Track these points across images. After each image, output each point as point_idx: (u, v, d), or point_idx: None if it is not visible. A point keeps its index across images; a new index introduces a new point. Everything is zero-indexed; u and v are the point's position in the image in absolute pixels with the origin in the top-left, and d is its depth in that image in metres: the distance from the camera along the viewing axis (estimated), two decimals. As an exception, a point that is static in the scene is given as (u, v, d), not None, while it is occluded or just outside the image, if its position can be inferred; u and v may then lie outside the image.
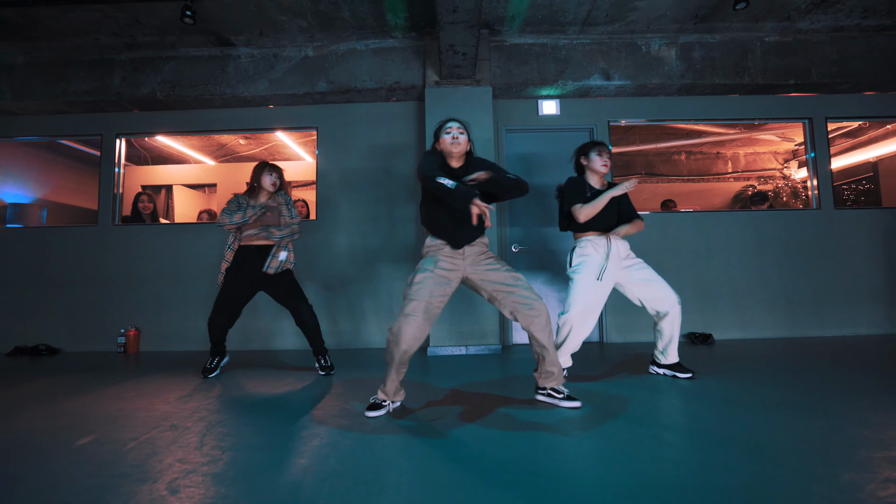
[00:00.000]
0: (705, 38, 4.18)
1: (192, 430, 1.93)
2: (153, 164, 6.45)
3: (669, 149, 7.56)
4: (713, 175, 7.90)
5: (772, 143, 7.30)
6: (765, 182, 7.44)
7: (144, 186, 6.03)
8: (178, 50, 4.19)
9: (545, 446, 1.65)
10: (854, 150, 6.73)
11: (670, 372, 2.76)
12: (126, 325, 4.17)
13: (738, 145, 7.61)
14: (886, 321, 4.20)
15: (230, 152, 6.82)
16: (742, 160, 7.91)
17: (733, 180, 7.76)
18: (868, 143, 6.51)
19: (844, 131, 6.45)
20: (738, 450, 1.57)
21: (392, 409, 2.14)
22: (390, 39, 4.16)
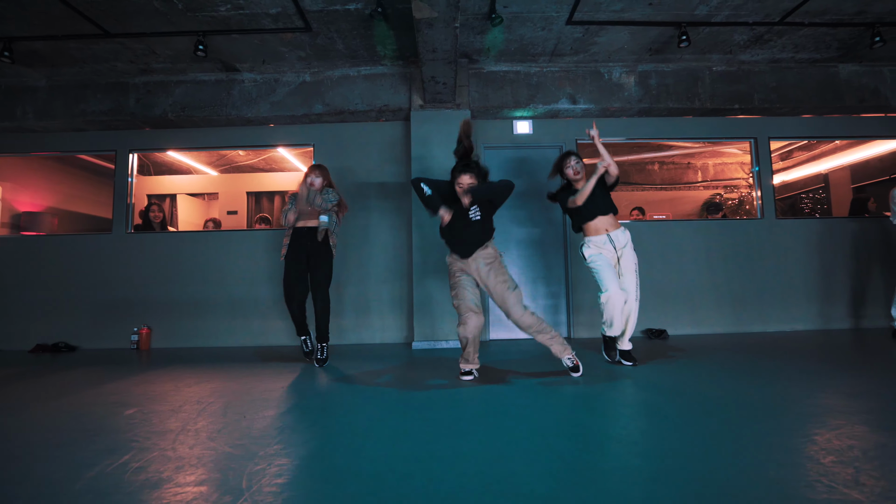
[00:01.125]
0: (660, 67, 4.71)
1: (215, 403, 2.38)
2: (156, 174, 6.87)
3: (643, 160, 8.12)
4: (684, 184, 8.46)
5: (737, 154, 7.88)
6: (731, 191, 8.00)
7: (150, 195, 6.44)
8: (188, 75, 4.64)
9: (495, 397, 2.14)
10: (809, 163, 7.32)
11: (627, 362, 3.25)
12: (139, 324, 4.59)
13: (707, 156, 8.18)
14: (819, 317, 4.74)
15: (230, 162, 7.26)
16: (711, 170, 8.48)
17: (703, 189, 8.32)
18: (821, 157, 7.11)
19: (800, 145, 7.03)
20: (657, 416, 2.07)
21: (476, 373, 2.87)
22: (380, 67, 4.64)
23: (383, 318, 4.68)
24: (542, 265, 4.77)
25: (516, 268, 4.75)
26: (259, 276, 4.68)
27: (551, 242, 4.80)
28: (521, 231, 4.78)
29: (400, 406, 2.28)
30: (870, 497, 1.24)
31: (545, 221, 4.80)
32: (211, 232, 4.98)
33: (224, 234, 4.91)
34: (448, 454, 1.61)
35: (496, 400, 2.35)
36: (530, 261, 4.77)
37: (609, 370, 3.04)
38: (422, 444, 1.72)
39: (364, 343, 4.63)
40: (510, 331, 4.70)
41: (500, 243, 4.77)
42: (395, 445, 1.72)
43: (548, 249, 4.79)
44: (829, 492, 1.28)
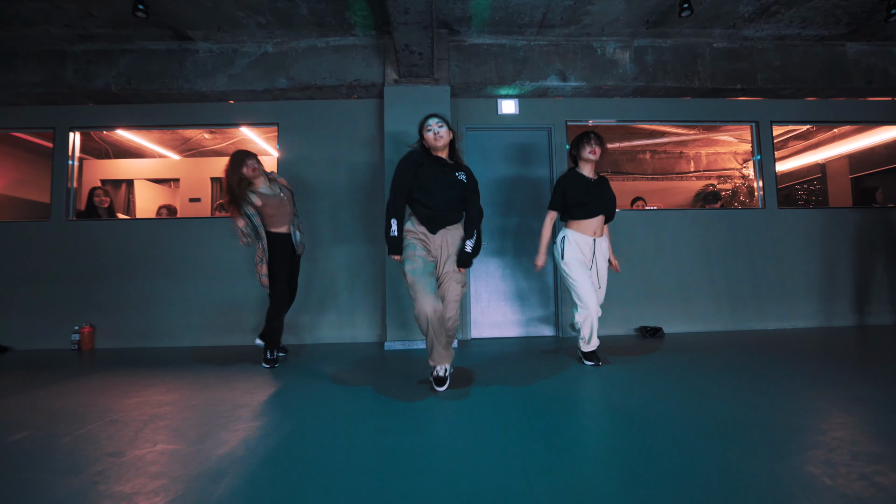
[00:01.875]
0: (658, 43, 4.33)
1: (130, 424, 1.96)
2: (116, 157, 6.32)
3: (634, 147, 7.77)
4: (676, 174, 8.15)
5: (731, 143, 7.58)
6: (725, 181, 7.72)
7: (104, 181, 5.91)
8: (134, 43, 4.13)
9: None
10: (805, 152, 7.05)
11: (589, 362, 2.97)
12: (81, 322, 4.12)
13: (700, 145, 7.87)
14: (821, 314, 4.45)
15: (195, 146, 6.73)
16: (704, 160, 8.19)
17: (695, 179, 8.03)
18: (818, 146, 6.83)
19: (796, 134, 6.74)
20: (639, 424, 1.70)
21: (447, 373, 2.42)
22: (350, 37, 4.18)
23: (353, 315, 4.26)
24: (528, 259, 4.39)
25: (499, 261, 4.37)
26: (219, 269, 4.23)
27: (539, 234, 4.40)
28: (504, 221, 4.39)
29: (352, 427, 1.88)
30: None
31: (531, 211, 4.42)
32: (164, 220, 4.50)
33: (179, 221, 4.44)
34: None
35: (483, 426, 1.96)
36: (515, 254, 4.38)
37: (605, 375, 2.67)
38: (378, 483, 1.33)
39: (333, 343, 4.21)
40: (495, 328, 4.33)
41: (484, 237, 4.39)
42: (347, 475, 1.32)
43: (535, 241, 4.39)
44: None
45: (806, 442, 1.60)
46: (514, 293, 4.36)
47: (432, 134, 2.45)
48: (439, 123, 2.47)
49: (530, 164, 4.47)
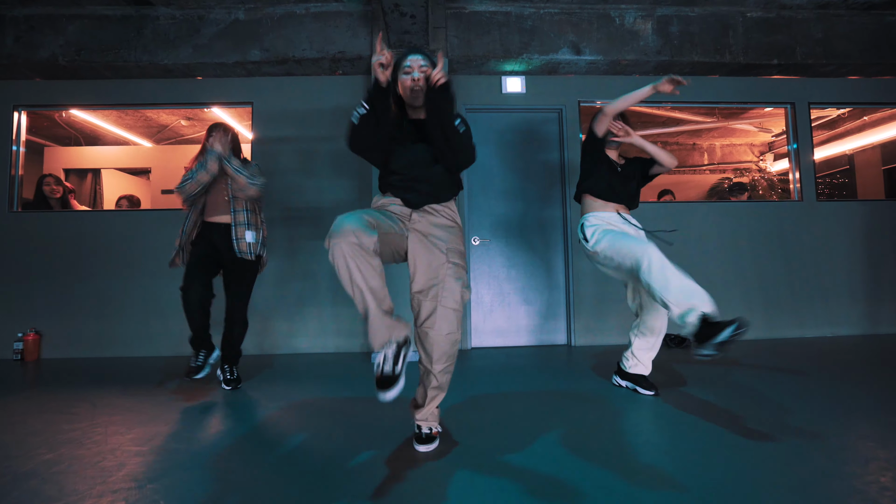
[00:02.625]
0: (684, 11, 3.81)
1: (86, 461, 1.44)
2: (87, 145, 5.78)
3: (645, 138, 7.28)
4: (689, 167, 7.67)
5: (748, 133, 7.07)
6: (741, 175, 7.23)
7: (67, 170, 5.38)
8: (84, 7, 3.59)
9: None
10: (831, 143, 6.54)
11: (632, 385, 2.39)
12: (24, 329, 3.59)
13: (715, 136, 7.37)
14: (865, 320, 3.95)
15: (172, 135, 6.19)
16: (718, 152, 7.69)
17: (709, 172, 7.54)
18: (845, 135, 6.32)
19: (822, 122, 6.24)
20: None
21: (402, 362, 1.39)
22: (334, 3, 3.65)
23: (338, 321, 3.74)
24: (537, 255, 3.88)
25: (503, 258, 3.86)
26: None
27: (549, 227, 3.90)
28: (510, 213, 3.88)
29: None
30: None
31: (541, 202, 3.90)
32: (125, 212, 3.98)
33: (142, 214, 3.92)
34: None
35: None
36: (522, 250, 3.87)
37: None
38: None
39: (313, 352, 3.70)
40: (499, 336, 3.82)
41: (483, 228, 3.88)
42: None
43: (544, 236, 3.89)
44: None
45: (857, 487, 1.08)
46: (521, 295, 3.85)
47: (410, 79, 1.62)
48: (424, 64, 1.62)
49: (538, 151, 3.95)
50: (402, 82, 1.65)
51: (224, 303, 2.60)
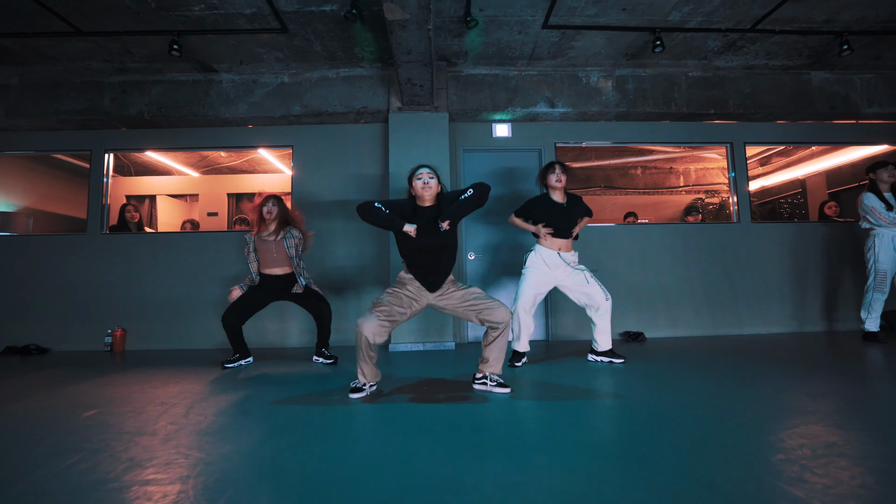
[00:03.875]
0: (637, 72, 4.77)
1: (178, 405, 2.35)
2: (137, 174, 6.79)
3: (626, 164, 8.20)
4: (666, 188, 8.55)
5: (717, 160, 7.99)
6: (713, 195, 8.10)
7: (128, 196, 6.37)
8: (165, 74, 4.60)
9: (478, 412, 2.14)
10: (787, 168, 7.44)
11: (606, 358, 3.30)
12: (113, 326, 4.52)
13: (689, 161, 8.28)
14: (794, 320, 4.81)
15: (212, 164, 7.20)
16: (693, 174, 8.59)
17: (685, 193, 8.42)
18: (798, 163, 7.23)
19: (779, 150, 7.15)
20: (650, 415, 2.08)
21: (370, 392, 2.51)
22: (359, 69, 4.64)
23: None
24: (516, 273, 4.78)
25: (495, 270, 4.76)
26: (235, 277, 4.64)
27: (530, 244, 4.80)
28: (497, 237, 4.80)
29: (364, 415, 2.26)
30: (809, 494, 1.25)
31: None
32: (187, 233, 4.93)
33: (200, 235, 4.87)
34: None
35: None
36: (506, 269, 4.78)
37: (583, 369, 3.05)
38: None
39: (347, 346, 4.61)
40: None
41: (477, 246, 4.79)
42: (349, 448, 1.71)
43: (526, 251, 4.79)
44: (771, 489, 1.29)
45: (773, 429, 1.94)
46: (510, 300, 4.74)
47: (421, 183, 2.53)
48: (430, 174, 2.55)
49: (522, 183, 4.88)
50: (416, 185, 2.57)
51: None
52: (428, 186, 2.54)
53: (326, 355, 3.59)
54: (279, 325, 4.60)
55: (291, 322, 4.62)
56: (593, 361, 3.37)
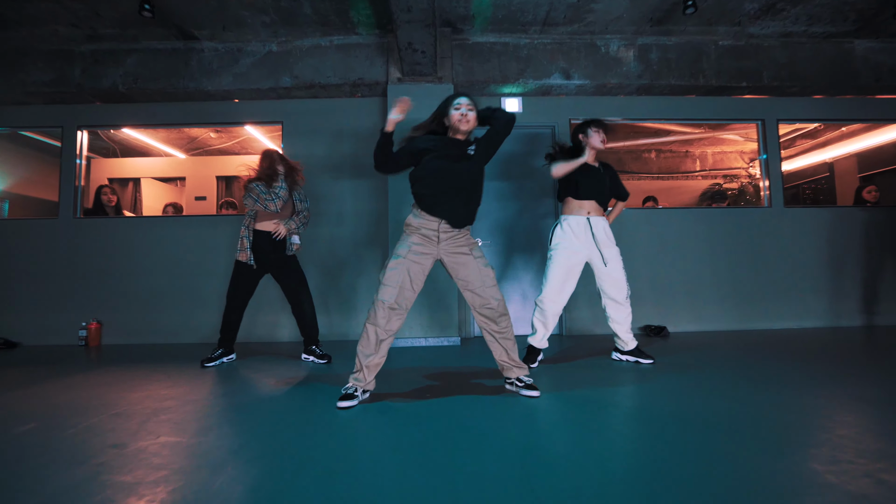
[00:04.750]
0: (662, 41, 4.31)
1: (134, 416, 1.98)
2: (123, 156, 6.38)
3: (639, 147, 7.74)
4: (682, 173, 8.11)
5: (737, 142, 7.53)
6: (731, 180, 7.66)
7: (111, 179, 5.97)
8: (141, 43, 4.17)
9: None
10: (813, 151, 6.98)
11: (632, 358, 2.92)
12: (87, 319, 4.16)
13: (706, 144, 7.82)
14: (829, 314, 4.41)
15: (201, 145, 6.78)
16: (710, 159, 8.13)
17: (701, 178, 7.98)
18: (825, 145, 6.77)
19: (804, 132, 6.69)
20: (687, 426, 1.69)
21: (362, 399, 2.12)
22: (354, 36, 4.20)
23: (357, 312, 4.27)
24: (532, 256, 4.39)
25: (502, 260, 4.37)
26: (222, 266, 4.25)
27: (542, 229, 4.41)
28: (508, 219, 4.39)
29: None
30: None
31: (535, 209, 4.41)
32: (169, 217, 4.55)
33: (184, 219, 4.48)
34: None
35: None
36: (519, 251, 4.38)
37: (611, 371, 2.67)
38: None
39: (337, 340, 4.24)
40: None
41: (483, 233, 4.39)
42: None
43: (538, 236, 4.40)
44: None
45: (810, 439, 1.58)
46: (519, 290, 4.36)
47: (459, 114, 2.17)
48: (470, 105, 2.19)
49: (534, 162, 4.46)
50: (453, 116, 2.19)
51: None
52: (466, 119, 2.16)
53: (318, 353, 3.20)
54: (272, 317, 4.23)
55: (284, 314, 4.24)
56: (618, 361, 2.99)
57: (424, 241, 2.16)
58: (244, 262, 3.08)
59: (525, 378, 2.24)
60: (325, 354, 3.19)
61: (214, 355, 3.12)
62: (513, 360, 2.25)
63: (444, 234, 2.17)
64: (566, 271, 2.82)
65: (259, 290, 3.91)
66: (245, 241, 3.09)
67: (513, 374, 2.25)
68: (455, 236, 2.20)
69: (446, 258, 2.20)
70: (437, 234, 2.17)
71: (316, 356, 3.18)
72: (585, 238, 2.85)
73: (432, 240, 2.17)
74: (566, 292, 2.84)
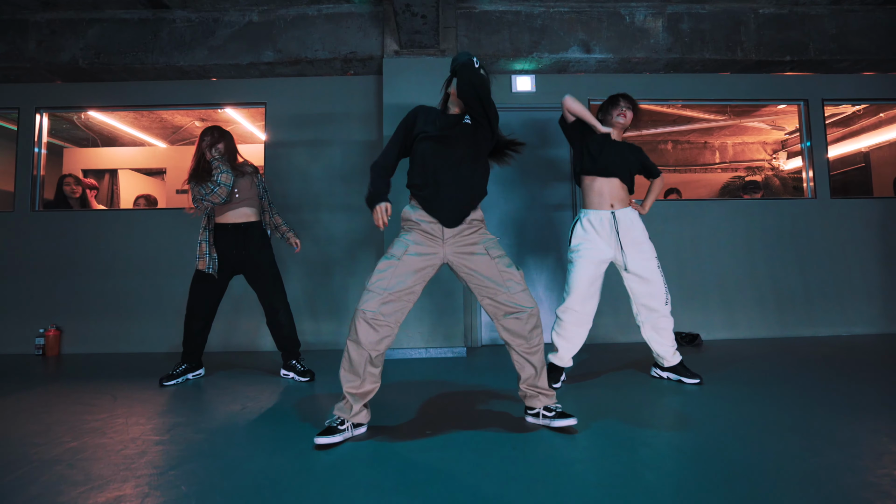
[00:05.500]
0: (695, 9, 3.80)
1: (40, 456, 1.49)
2: (104, 146, 5.91)
3: (655, 137, 7.22)
4: (700, 165, 7.60)
5: (761, 131, 7.00)
6: (753, 173, 7.15)
7: (86, 171, 5.49)
8: (104, 11, 3.68)
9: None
10: (846, 140, 6.45)
11: (674, 376, 2.44)
12: (45, 325, 3.69)
13: (726, 135, 7.31)
14: (882, 319, 3.90)
15: (187, 135, 6.30)
16: (730, 150, 7.62)
17: (721, 171, 7.47)
18: (861, 132, 6.24)
19: (837, 119, 6.16)
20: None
21: (354, 435, 1.68)
22: (345, 4, 3.70)
23: (349, 316, 3.78)
24: (548, 253, 3.89)
25: (512, 256, 3.87)
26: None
27: (557, 222, 3.91)
28: (521, 213, 3.89)
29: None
30: None
31: (549, 197, 3.91)
32: (142, 211, 4.07)
33: (158, 213, 4.00)
34: None
35: None
36: (533, 248, 3.88)
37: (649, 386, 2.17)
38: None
39: (327, 349, 3.75)
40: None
41: (491, 225, 3.89)
42: None
43: (553, 231, 3.90)
44: None
45: (868, 480, 1.09)
46: (533, 292, 3.85)
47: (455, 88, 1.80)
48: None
49: (548, 149, 3.96)
50: (452, 92, 1.84)
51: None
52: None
53: (300, 370, 2.71)
54: (252, 322, 3.75)
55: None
56: (657, 378, 2.50)
57: (426, 240, 1.73)
58: (203, 270, 2.60)
59: (554, 406, 1.76)
60: (307, 371, 2.69)
61: (175, 371, 2.64)
62: (541, 386, 1.75)
63: (450, 231, 1.72)
64: (591, 278, 2.35)
65: (238, 291, 3.45)
66: (203, 245, 2.61)
67: (538, 405, 1.76)
68: (463, 231, 1.73)
69: (455, 260, 1.73)
70: (441, 230, 1.72)
71: (297, 373, 2.69)
72: (611, 236, 2.38)
73: (436, 237, 1.72)
74: (593, 302, 2.37)
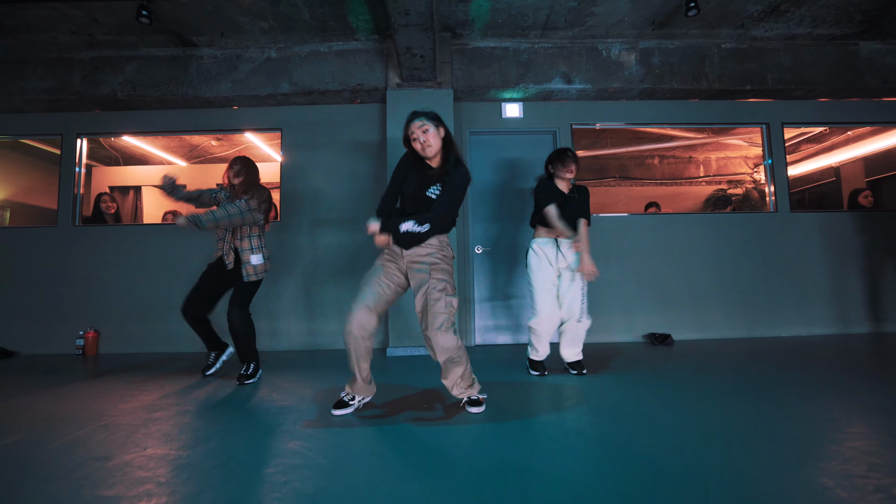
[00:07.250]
0: (664, 44, 4.27)
1: (122, 429, 1.92)
2: (125, 165, 6.38)
3: (643, 153, 7.68)
4: (686, 179, 8.03)
5: (741, 148, 7.45)
6: (735, 186, 7.58)
7: (112, 187, 5.96)
8: (140, 50, 4.17)
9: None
10: (818, 156, 6.90)
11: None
12: (85, 328, 4.12)
13: (710, 150, 7.75)
14: (838, 321, 4.30)
15: (203, 153, 6.78)
16: (714, 164, 8.05)
17: (705, 184, 7.90)
18: (831, 149, 6.69)
19: (809, 136, 6.61)
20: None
21: (360, 406, 2.14)
22: (353, 42, 4.18)
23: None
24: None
25: (503, 271, 4.30)
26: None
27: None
28: (508, 225, 4.33)
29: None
30: None
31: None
32: (168, 225, 4.51)
33: (179, 227, 4.43)
34: None
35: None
36: (515, 264, 4.31)
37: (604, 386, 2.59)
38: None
39: (334, 349, 4.17)
40: (503, 333, 4.25)
41: (484, 238, 4.32)
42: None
43: (540, 245, 4.33)
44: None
45: (820, 453, 1.51)
46: (521, 298, 4.28)
47: (419, 144, 2.05)
48: (422, 126, 2.03)
49: (536, 169, 4.40)
50: (414, 146, 2.09)
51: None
52: (427, 145, 2.03)
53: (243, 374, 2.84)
54: (268, 325, 4.17)
55: (282, 321, 4.19)
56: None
57: (392, 254, 2.14)
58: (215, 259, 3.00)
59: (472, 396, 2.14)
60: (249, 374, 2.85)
61: (210, 362, 3.07)
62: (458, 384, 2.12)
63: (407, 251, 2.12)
64: (549, 293, 2.84)
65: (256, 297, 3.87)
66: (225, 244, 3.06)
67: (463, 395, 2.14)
68: (417, 251, 2.08)
69: (408, 271, 2.11)
70: (400, 248, 2.13)
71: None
72: (553, 257, 2.89)
73: (397, 252, 2.13)
74: (556, 313, 2.84)
